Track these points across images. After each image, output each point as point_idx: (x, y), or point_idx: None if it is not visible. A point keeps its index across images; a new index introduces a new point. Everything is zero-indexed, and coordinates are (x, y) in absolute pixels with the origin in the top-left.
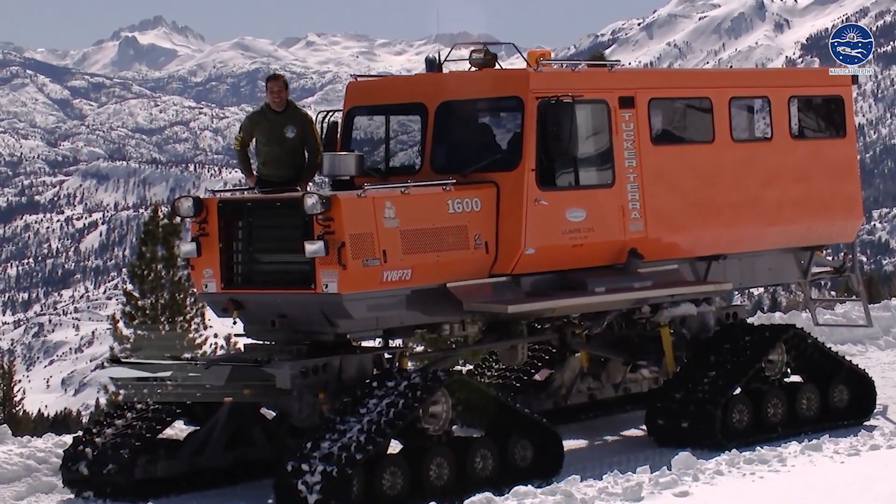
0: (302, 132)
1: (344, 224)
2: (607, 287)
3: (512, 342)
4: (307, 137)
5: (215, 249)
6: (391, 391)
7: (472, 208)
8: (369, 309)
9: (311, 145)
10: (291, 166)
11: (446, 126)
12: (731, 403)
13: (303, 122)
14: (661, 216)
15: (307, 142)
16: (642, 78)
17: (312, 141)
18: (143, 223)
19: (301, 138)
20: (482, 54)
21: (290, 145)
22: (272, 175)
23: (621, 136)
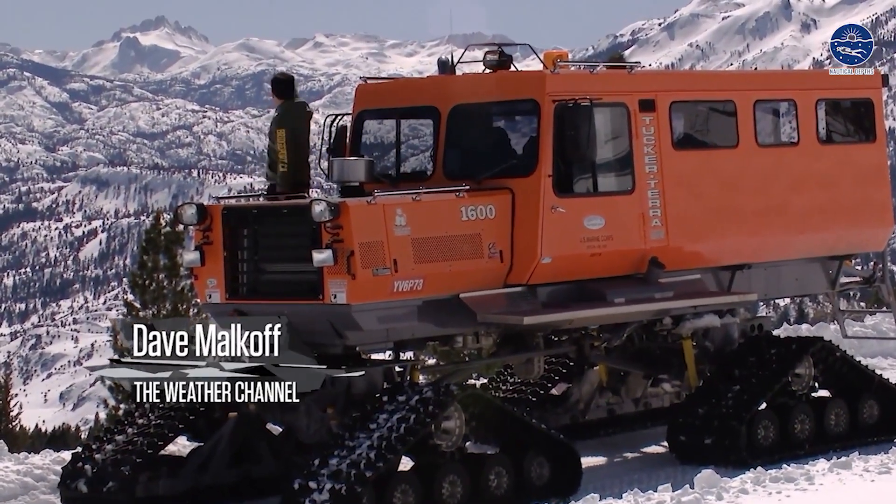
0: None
1: (353, 232)
2: (627, 298)
3: (528, 355)
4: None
5: (219, 258)
6: (402, 406)
7: (487, 216)
8: (379, 320)
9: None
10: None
11: (459, 130)
12: (757, 419)
13: (272, 121)
14: (683, 224)
15: None
16: (663, 80)
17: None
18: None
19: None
20: (497, 56)
21: (270, 147)
22: (270, 179)
23: (641, 141)
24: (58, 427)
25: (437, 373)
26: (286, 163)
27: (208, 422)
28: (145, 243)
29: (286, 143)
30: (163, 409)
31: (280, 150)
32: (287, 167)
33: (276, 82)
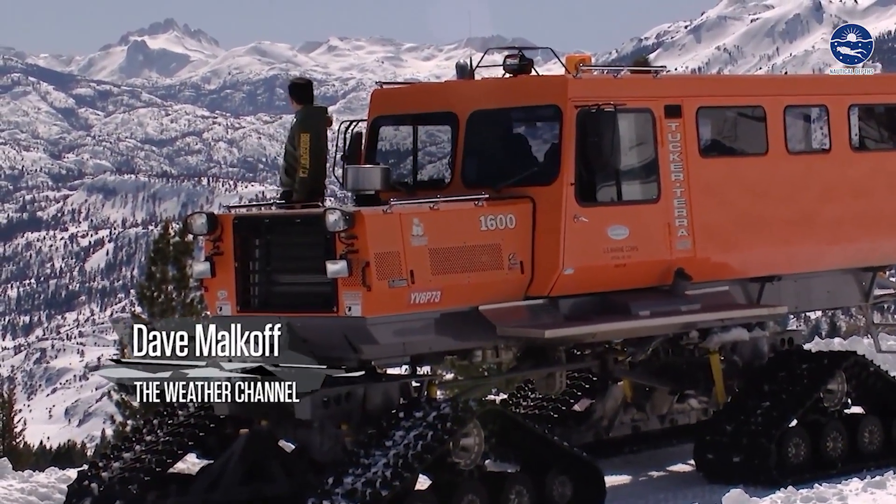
0: (292, 136)
1: (368, 242)
2: (652, 310)
3: (549, 370)
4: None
5: (230, 269)
6: (419, 422)
7: (507, 225)
8: (396, 333)
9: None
10: (293, 174)
11: (478, 137)
12: (787, 437)
13: (293, 125)
14: (710, 234)
15: None
16: (690, 85)
17: (298, 149)
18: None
19: (292, 143)
20: (517, 60)
21: (287, 152)
22: (285, 185)
23: (667, 148)
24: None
25: (456, 388)
26: (307, 168)
27: (219, 438)
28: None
29: (310, 149)
30: (172, 425)
31: (303, 154)
32: (308, 173)
33: (294, 87)
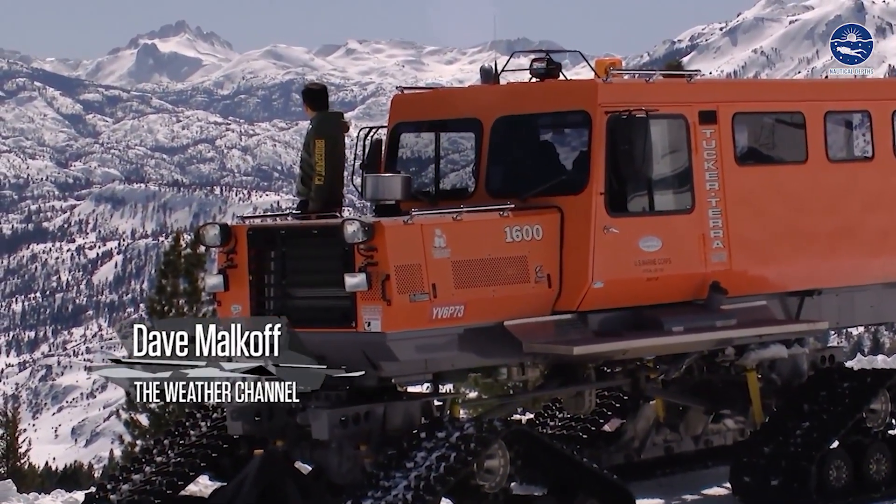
0: (307, 143)
1: (389, 254)
2: (686, 326)
3: (578, 388)
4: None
5: (245, 283)
6: (442, 443)
7: (533, 237)
8: (417, 350)
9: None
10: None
11: (504, 144)
12: (828, 459)
13: (308, 131)
14: (747, 246)
15: None
16: (725, 90)
17: (313, 156)
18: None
19: (307, 150)
20: (544, 63)
21: (303, 159)
22: (301, 194)
23: (702, 156)
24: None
25: (480, 407)
26: (323, 175)
27: (232, 459)
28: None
29: (325, 155)
30: (183, 445)
31: (318, 161)
32: (324, 180)
33: (308, 93)
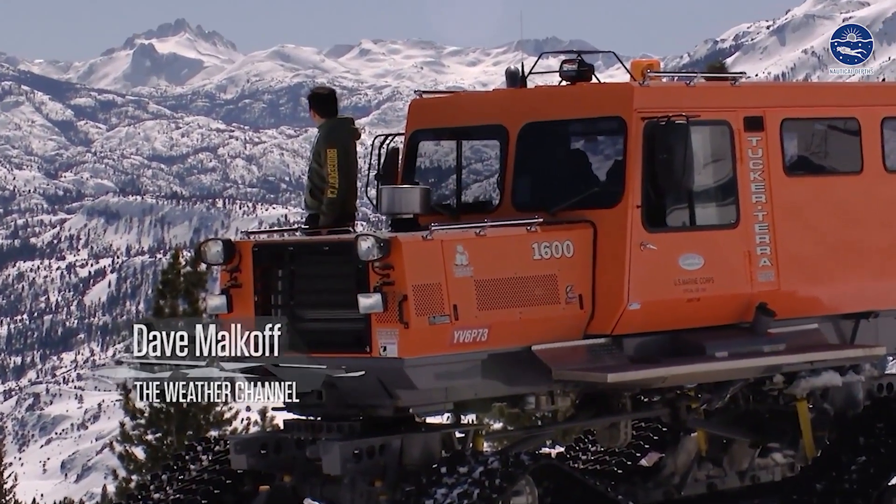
0: (317, 153)
1: (406, 273)
2: (730, 351)
3: (612, 419)
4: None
5: (250, 304)
6: (464, 479)
7: (563, 254)
8: (437, 377)
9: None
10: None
11: (531, 153)
12: (886, 496)
13: (319, 149)
14: (796, 263)
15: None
16: (773, 94)
17: (325, 166)
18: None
19: (317, 161)
20: (575, 65)
21: (312, 170)
22: (310, 208)
23: (747, 166)
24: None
25: (505, 439)
26: (336, 187)
27: (236, 496)
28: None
29: (337, 166)
30: (183, 481)
31: (331, 172)
32: (337, 193)
33: (316, 98)
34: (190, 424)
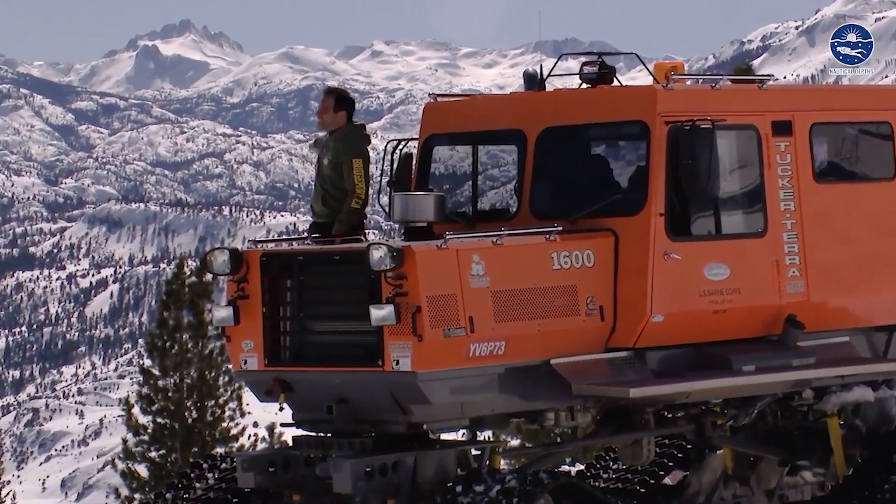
0: (338, 165)
1: (420, 283)
2: (758, 365)
3: (635, 435)
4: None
5: (257, 316)
6: (480, 498)
7: (584, 264)
8: (452, 392)
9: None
10: (338, 204)
11: (550, 159)
12: None
13: (340, 154)
14: (827, 273)
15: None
16: (802, 97)
17: (347, 180)
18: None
19: (336, 170)
20: (596, 67)
21: (327, 178)
22: (318, 215)
23: (775, 172)
24: None
25: (523, 457)
26: (362, 198)
27: None
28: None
29: (364, 175)
30: (188, 500)
31: (358, 182)
32: (361, 203)
33: (345, 99)
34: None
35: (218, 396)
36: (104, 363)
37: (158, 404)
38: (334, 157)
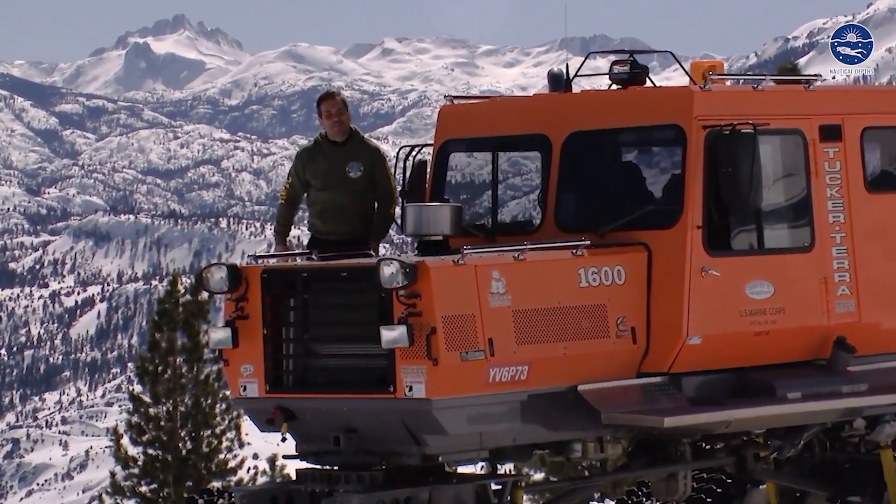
0: (371, 171)
1: (435, 302)
2: (804, 392)
3: (670, 469)
4: (378, 178)
5: (258, 338)
6: None
7: (614, 281)
8: (470, 421)
9: (385, 188)
10: (357, 219)
11: (577, 166)
12: None
13: (371, 156)
14: (879, 292)
15: (378, 184)
16: (852, 99)
17: (385, 182)
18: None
19: (369, 179)
20: (627, 67)
21: (355, 190)
22: (331, 232)
23: (823, 181)
24: None
25: (548, 492)
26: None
27: None
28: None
29: None
30: None
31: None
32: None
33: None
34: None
35: (214, 426)
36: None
37: (150, 434)
38: (368, 166)
